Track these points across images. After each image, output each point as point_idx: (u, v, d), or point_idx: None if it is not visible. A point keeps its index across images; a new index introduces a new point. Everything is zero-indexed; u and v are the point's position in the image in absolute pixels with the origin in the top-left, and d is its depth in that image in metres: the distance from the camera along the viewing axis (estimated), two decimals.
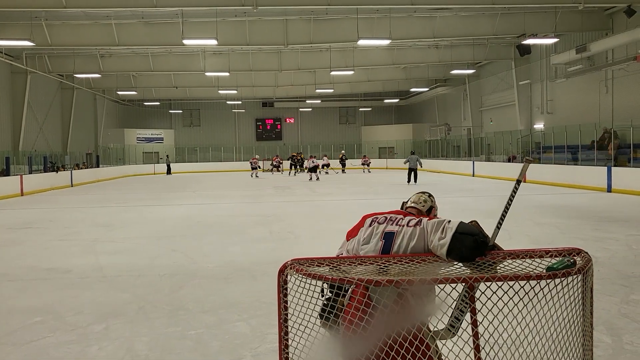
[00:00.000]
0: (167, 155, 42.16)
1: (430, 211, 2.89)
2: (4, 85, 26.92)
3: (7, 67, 26.66)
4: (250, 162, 34.40)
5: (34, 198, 20.08)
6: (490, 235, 2.36)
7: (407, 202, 2.95)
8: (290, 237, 9.81)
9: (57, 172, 25.68)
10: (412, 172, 23.50)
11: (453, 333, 2.44)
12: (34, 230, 11.30)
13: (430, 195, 2.97)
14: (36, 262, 7.82)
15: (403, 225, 2.58)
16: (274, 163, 37.44)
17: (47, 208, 16.23)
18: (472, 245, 2.26)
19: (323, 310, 2.49)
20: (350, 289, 2.49)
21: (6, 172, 22.10)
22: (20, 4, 16.65)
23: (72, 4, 16.48)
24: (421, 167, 24.18)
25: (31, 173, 24.15)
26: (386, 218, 2.67)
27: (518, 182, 2.37)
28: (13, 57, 25.66)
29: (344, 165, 37.11)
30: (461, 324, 2.46)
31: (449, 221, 2.43)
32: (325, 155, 38.58)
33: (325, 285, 2.50)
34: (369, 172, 36.42)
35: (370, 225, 2.67)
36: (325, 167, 35.69)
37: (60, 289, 6.26)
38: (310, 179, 27.87)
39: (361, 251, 2.63)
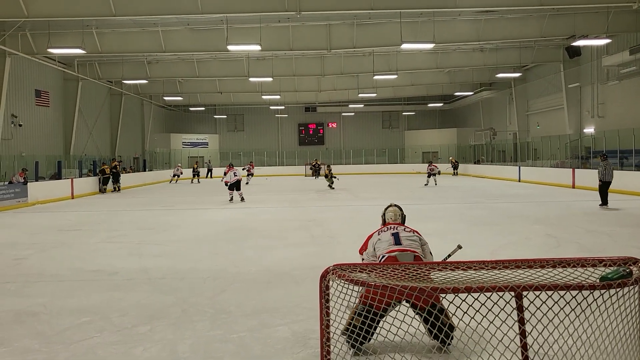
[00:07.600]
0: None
1: (404, 219, 5.13)
2: (57, 92, 27.97)
3: (60, 74, 27.70)
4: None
5: (83, 201, 20.71)
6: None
7: (384, 216, 5.18)
8: (331, 242, 9.76)
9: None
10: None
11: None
12: (83, 232, 11.63)
13: (396, 206, 5.15)
14: (84, 264, 8.02)
15: (402, 229, 4.66)
16: (312, 167, 37.63)
17: (96, 211, 16.69)
18: None
19: (353, 332, 3.14)
20: (384, 259, 4.37)
21: (58, 176, 22.89)
22: (73, 13, 17.27)
23: (121, 12, 16.98)
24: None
25: (81, 177, 24.92)
26: (388, 227, 4.70)
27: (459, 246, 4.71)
28: (65, 65, 26.63)
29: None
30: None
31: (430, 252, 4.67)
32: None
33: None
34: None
35: (378, 235, 4.65)
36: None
37: (106, 291, 6.40)
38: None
39: (377, 250, 4.48)
